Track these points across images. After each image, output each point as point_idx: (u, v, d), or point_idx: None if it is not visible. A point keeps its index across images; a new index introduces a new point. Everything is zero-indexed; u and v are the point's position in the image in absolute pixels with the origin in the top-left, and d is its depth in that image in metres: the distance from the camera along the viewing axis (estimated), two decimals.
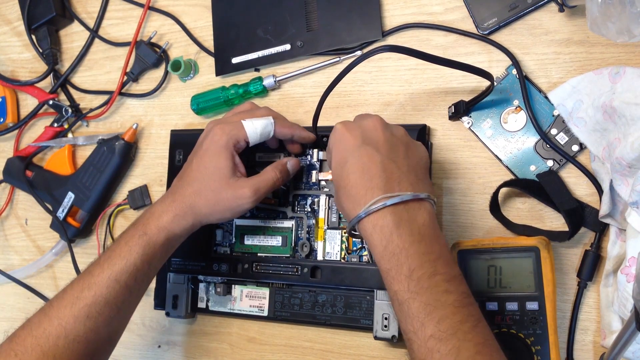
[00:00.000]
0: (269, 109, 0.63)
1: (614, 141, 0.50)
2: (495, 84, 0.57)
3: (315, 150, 0.64)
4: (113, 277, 0.55)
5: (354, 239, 0.62)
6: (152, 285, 0.72)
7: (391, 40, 0.65)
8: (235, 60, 0.71)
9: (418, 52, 0.53)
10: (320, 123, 0.67)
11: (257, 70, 0.71)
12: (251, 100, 0.70)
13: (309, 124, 0.64)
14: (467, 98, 0.60)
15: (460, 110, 0.59)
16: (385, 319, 0.59)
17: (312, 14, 0.67)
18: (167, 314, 0.69)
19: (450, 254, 0.48)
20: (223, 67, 0.72)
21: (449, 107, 0.61)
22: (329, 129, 0.64)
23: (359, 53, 0.66)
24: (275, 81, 0.69)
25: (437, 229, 0.48)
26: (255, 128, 0.59)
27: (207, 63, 0.74)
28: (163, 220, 0.57)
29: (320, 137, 0.64)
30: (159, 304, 0.70)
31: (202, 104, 0.71)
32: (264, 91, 0.70)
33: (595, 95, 0.53)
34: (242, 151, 0.60)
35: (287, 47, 0.68)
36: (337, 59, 0.67)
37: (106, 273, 0.55)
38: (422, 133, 0.60)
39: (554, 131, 0.58)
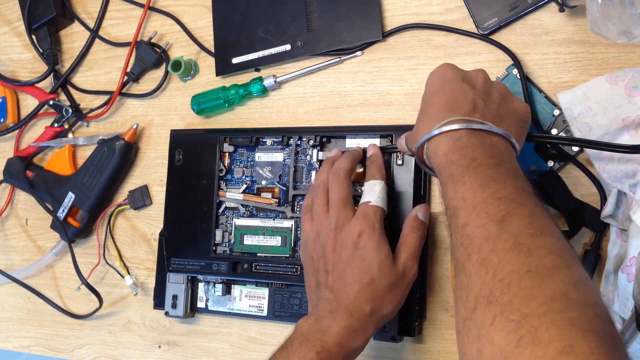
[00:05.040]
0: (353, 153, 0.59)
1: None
2: None
3: (315, 150, 0.64)
4: None
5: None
6: (152, 285, 0.72)
7: (392, 41, 0.65)
8: (235, 60, 0.71)
9: None
10: (320, 123, 0.67)
11: (257, 70, 0.71)
12: (250, 100, 0.71)
13: (309, 123, 0.64)
14: None
15: None
16: None
17: (312, 14, 0.67)
18: (167, 314, 0.69)
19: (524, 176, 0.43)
20: (223, 67, 0.72)
21: None
22: (331, 128, 0.64)
23: (359, 53, 0.66)
24: (275, 81, 0.69)
25: (511, 156, 0.45)
26: (383, 200, 0.54)
27: (207, 63, 0.74)
28: (341, 337, 0.49)
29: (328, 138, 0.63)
30: (159, 303, 0.70)
31: (202, 104, 0.71)
32: (264, 91, 0.70)
33: (607, 104, 0.53)
34: None
35: (288, 47, 0.68)
36: (338, 59, 0.67)
37: None
38: None
39: (554, 131, 0.57)
